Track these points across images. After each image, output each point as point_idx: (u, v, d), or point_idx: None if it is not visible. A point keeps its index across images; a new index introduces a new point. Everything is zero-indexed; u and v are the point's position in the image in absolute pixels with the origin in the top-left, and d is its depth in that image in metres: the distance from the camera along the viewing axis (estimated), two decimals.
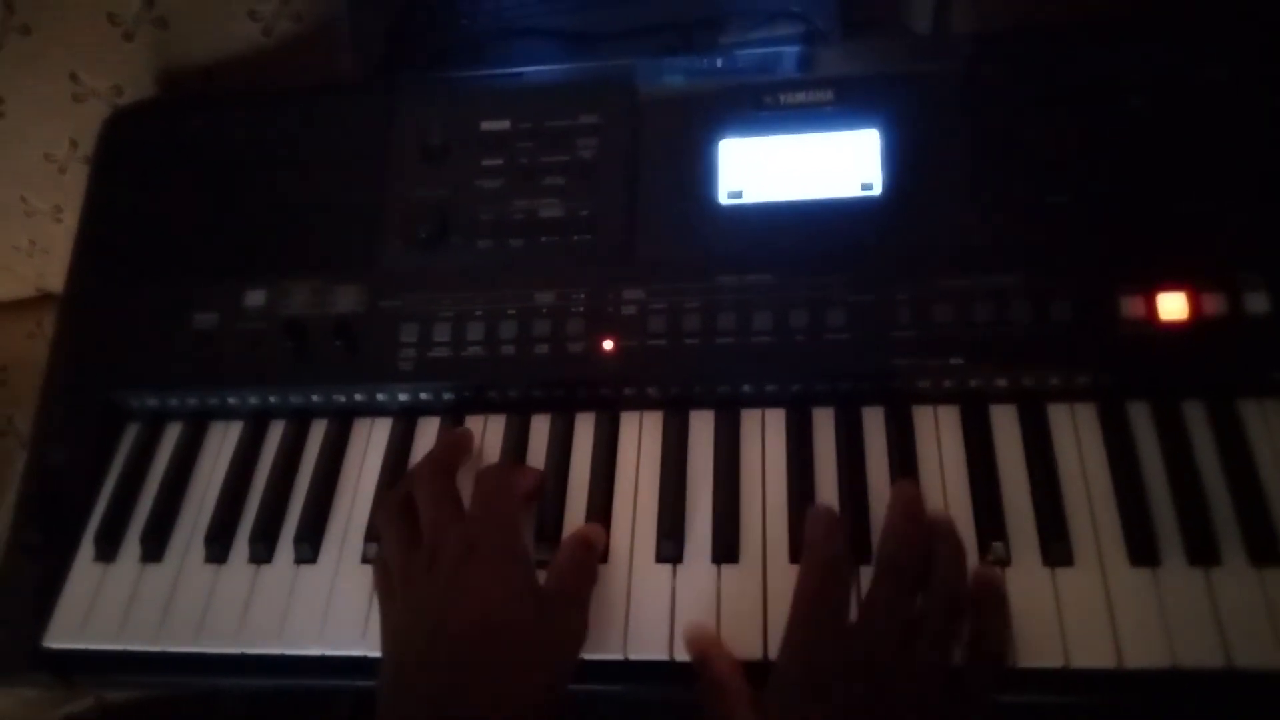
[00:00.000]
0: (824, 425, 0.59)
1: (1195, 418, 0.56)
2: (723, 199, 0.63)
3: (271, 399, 0.65)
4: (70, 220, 0.74)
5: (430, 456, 0.59)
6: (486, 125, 0.67)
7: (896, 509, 0.54)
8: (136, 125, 0.74)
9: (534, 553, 0.57)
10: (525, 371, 0.61)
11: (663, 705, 0.64)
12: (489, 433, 0.63)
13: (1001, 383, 0.58)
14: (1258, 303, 0.55)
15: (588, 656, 0.54)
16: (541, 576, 0.54)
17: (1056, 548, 0.53)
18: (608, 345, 0.61)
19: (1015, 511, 0.55)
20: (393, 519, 0.56)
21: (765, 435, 0.60)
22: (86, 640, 0.60)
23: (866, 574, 0.53)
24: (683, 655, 0.53)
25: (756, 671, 0.50)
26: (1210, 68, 0.60)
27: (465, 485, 0.58)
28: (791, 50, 0.69)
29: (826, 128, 0.63)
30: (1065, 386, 0.57)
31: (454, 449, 0.60)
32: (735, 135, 0.64)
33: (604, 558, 0.57)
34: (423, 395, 0.63)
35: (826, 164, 0.62)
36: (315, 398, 0.65)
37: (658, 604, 0.55)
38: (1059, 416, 0.57)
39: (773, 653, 0.51)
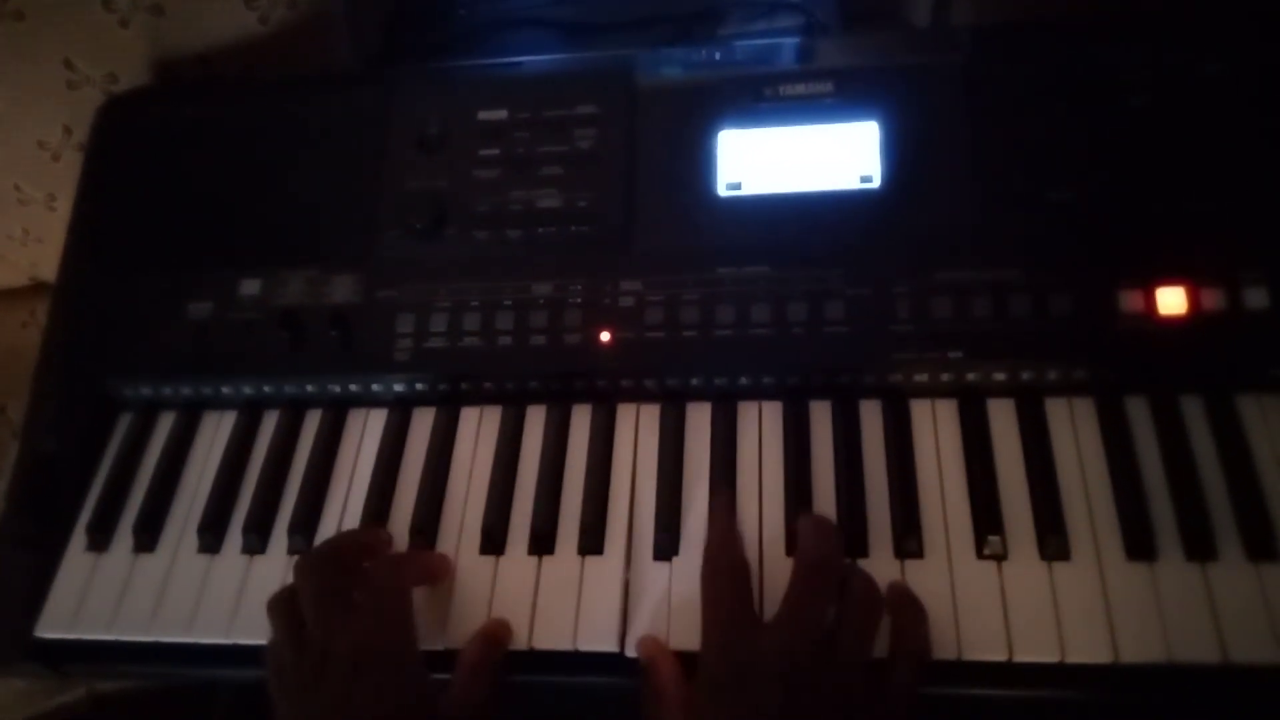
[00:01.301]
0: (821, 418, 0.59)
1: (1193, 413, 0.56)
2: (721, 190, 0.63)
3: (266, 389, 0.65)
4: (64, 208, 0.73)
5: (315, 550, 0.56)
6: (484, 115, 0.67)
7: (809, 526, 0.53)
8: (131, 113, 0.73)
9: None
10: (522, 363, 0.61)
11: None
12: (484, 425, 0.62)
13: (999, 377, 0.58)
14: (1257, 298, 0.55)
15: (584, 649, 0.54)
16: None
17: (1053, 542, 0.53)
18: (605, 337, 0.60)
19: (1012, 506, 0.54)
20: (277, 615, 0.53)
21: (762, 428, 0.59)
22: (78, 630, 0.59)
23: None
24: (679, 647, 0.53)
25: None
26: (1210, 62, 0.60)
27: None
28: (791, 42, 0.68)
29: (826, 120, 0.63)
30: (1063, 381, 0.57)
31: (348, 546, 0.56)
32: (734, 127, 0.64)
33: (599, 550, 0.56)
34: (418, 386, 0.63)
35: (825, 156, 0.62)
36: (310, 388, 0.64)
37: (654, 598, 0.55)
38: (1057, 411, 0.57)
39: None
